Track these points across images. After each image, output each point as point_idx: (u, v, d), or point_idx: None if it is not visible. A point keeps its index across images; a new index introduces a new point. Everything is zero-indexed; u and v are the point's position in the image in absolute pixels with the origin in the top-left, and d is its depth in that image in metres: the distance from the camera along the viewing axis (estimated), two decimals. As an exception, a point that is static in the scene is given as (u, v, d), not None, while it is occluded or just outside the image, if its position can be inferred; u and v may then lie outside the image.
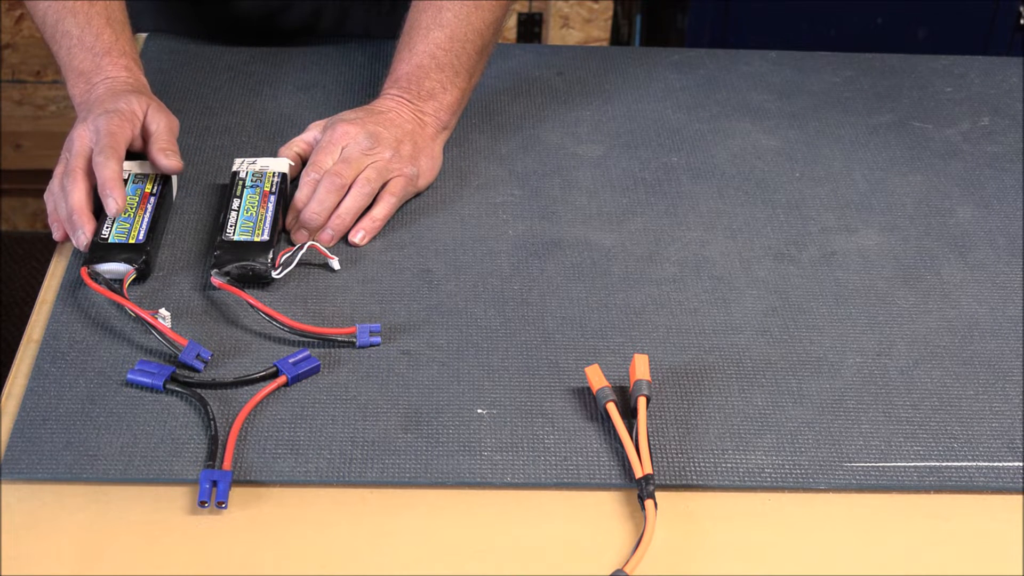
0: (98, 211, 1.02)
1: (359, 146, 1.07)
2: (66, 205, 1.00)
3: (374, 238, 1.06)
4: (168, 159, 1.05)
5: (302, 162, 1.11)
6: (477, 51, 1.16)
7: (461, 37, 1.15)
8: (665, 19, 2.14)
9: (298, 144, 1.12)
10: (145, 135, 1.06)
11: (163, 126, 1.06)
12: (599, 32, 2.23)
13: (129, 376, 0.89)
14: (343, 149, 1.07)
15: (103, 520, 0.80)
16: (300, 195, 1.06)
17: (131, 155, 1.08)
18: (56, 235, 1.03)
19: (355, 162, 1.06)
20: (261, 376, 0.90)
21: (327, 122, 1.12)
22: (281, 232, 1.04)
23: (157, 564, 0.77)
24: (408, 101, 1.13)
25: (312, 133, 1.12)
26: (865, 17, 1.95)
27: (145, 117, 1.06)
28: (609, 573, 0.77)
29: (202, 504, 0.80)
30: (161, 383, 0.88)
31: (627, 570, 0.76)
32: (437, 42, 1.14)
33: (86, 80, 1.09)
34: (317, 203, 1.04)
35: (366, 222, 1.06)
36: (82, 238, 0.99)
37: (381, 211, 1.06)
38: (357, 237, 1.05)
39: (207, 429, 0.85)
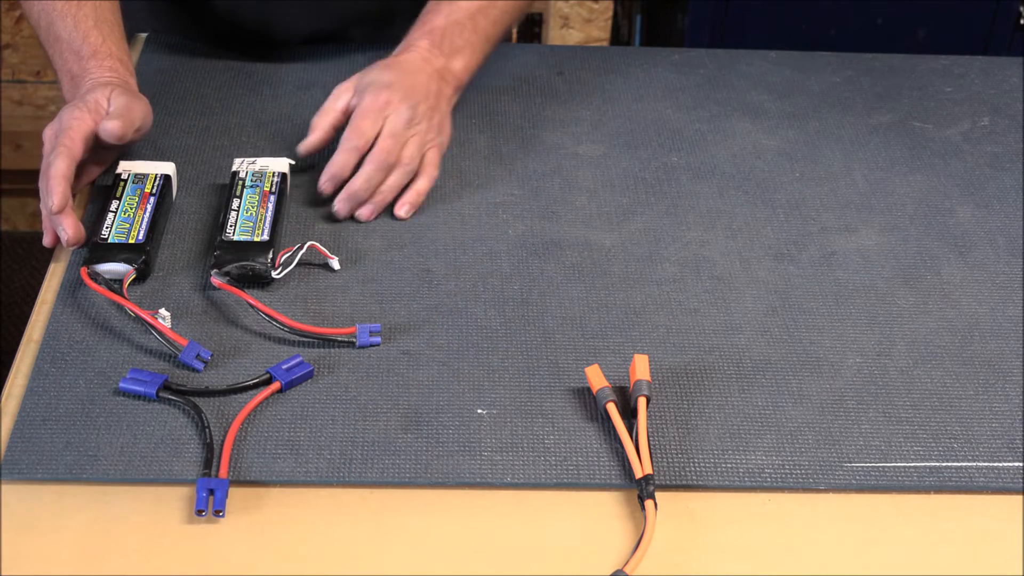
0: (98, 210, 1.02)
1: (401, 118, 1.08)
2: (44, 206, 1.00)
3: (373, 237, 1.05)
4: (109, 121, 1.02)
5: (335, 133, 1.11)
6: (505, 26, 1.22)
7: (499, 7, 1.20)
8: (665, 19, 2.14)
9: (332, 113, 1.12)
10: None
11: (121, 103, 1.04)
12: (599, 32, 2.23)
13: (121, 385, 0.88)
14: (386, 120, 1.08)
15: (103, 520, 0.80)
16: (341, 161, 1.07)
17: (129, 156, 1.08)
18: (46, 240, 1.01)
19: (399, 137, 1.08)
20: (254, 383, 0.89)
21: (358, 83, 1.12)
22: (281, 231, 1.04)
23: (157, 564, 0.77)
24: (437, 56, 1.15)
25: (344, 99, 1.12)
26: (865, 17, 1.95)
27: (108, 102, 1.05)
28: (609, 573, 0.77)
29: (199, 513, 0.79)
30: (154, 391, 0.87)
31: (627, 570, 0.76)
32: (478, 6, 1.19)
33: (74, 83, 1.09)
34: (365, 179, 1.06)
35: (411, 195, 1.08)
36: (63, 235, 0.99)
37: (424, 184, 1.09)
38: (402, 211, 1.07)
39: (202, 437, 0.85)
